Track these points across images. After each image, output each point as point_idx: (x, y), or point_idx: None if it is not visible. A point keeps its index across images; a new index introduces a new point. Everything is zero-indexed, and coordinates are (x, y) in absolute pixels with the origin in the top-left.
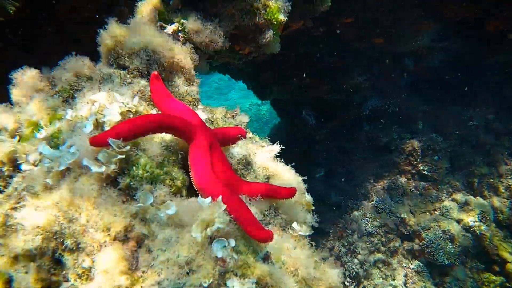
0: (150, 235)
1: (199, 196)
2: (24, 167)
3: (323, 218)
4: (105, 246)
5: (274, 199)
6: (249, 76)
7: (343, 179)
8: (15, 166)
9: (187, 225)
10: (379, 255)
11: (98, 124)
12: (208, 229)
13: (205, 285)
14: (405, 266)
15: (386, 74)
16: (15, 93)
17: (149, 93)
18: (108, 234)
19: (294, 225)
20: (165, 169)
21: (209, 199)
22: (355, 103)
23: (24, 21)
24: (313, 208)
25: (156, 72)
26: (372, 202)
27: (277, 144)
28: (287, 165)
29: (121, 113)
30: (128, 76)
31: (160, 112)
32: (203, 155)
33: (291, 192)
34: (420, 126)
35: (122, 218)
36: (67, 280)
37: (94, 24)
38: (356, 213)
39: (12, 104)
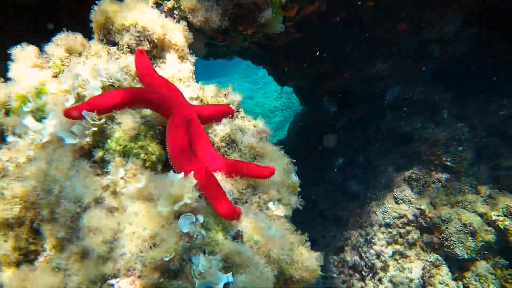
0: (120, 208)
1: (171, 171)
2: (9, 139)
3: (341, 207)
4: (77, 218)
5: (251, 177)
6: (268, 62)
7: (362, 168)
8: (2, 138)
9: (156, 199)
10: (396, 247)
11: (80, 98)
12: (176, 203)
13: (166, 259)
14: (423, 259)
15: (410, 62)
16: (13, 69)
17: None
18: (79, 206)
19: (270, 204)
20: (139, 143)
21: (182, 174)
22: (376, 91)
23: (24, 19)
24: (299, 190)
25: (141, 48)
26: (392, 193)
27: (268, 126)
28: (276, 146)
29: (103, 88)
30: (117, 52)
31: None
32: (179, 131)
33: (270, 171)
34: (444, 116)
35: (93, 190)
36: (45, 250)
37: None
38: (374, 203)
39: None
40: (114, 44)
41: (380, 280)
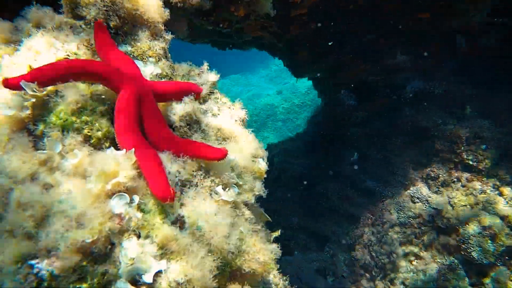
0: (54, 184)
1: (111, 148)
2: None
3: (354, 203)
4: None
5: (201, 159)
6: (283, 53)
7: (378, 164)
8: None
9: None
10: (411, 248)
11: None
12: (109, 182)
13: (88, 241)
14: (439, 262)
15: (432, 53)
16: None
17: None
18: (14, 181)
19: (218, 189)
20: (83, 117)
21: (123, 151)
22: (396, 84)
23: None
24: (265, 176)
25: (100, 20)
26: (408, 191)
27: (244, 109)
28: (247, 129)
29: (57, 60)
30: (83, 26)
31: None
32: (127, 106)
33: (221, 154)
34: (468, 112)
35: (29, 165)
36: None
37: None
38: (389, 201)
39: None
40: (82, 18)
41: (391, 281)
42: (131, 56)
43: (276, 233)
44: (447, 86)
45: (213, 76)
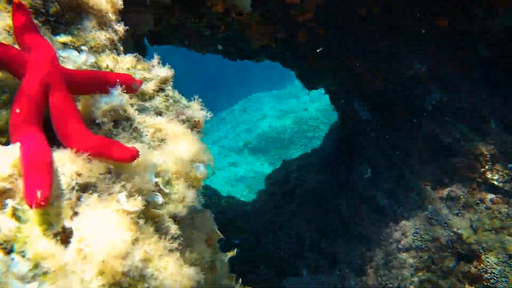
0: None
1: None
2: None
3: (367, 223)
4: None
5: (106, 159)
6: (292, 62)
7: (393, 182)
8: None
9: None
10: (428, 274)
11: None
12: None
13: None
14: None
15: (452, 62)
16: None
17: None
18: None
19: (121, 195)
20: None
21: (12, 146)
22: (414, 95)
23: None
24: (202, 185)
25: (17, 1)
26: (426, 212)
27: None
28: (193, 130)
29: None
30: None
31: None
32: (27, 94)
33: (128, 154)
34: (492, 126)
35: None
36: None
37: None
38: (404, 222)
39: None
40: None
41: None
42: (71, 46)
43: (232, 253)
44: (469, 97)
45: (164, 71)
